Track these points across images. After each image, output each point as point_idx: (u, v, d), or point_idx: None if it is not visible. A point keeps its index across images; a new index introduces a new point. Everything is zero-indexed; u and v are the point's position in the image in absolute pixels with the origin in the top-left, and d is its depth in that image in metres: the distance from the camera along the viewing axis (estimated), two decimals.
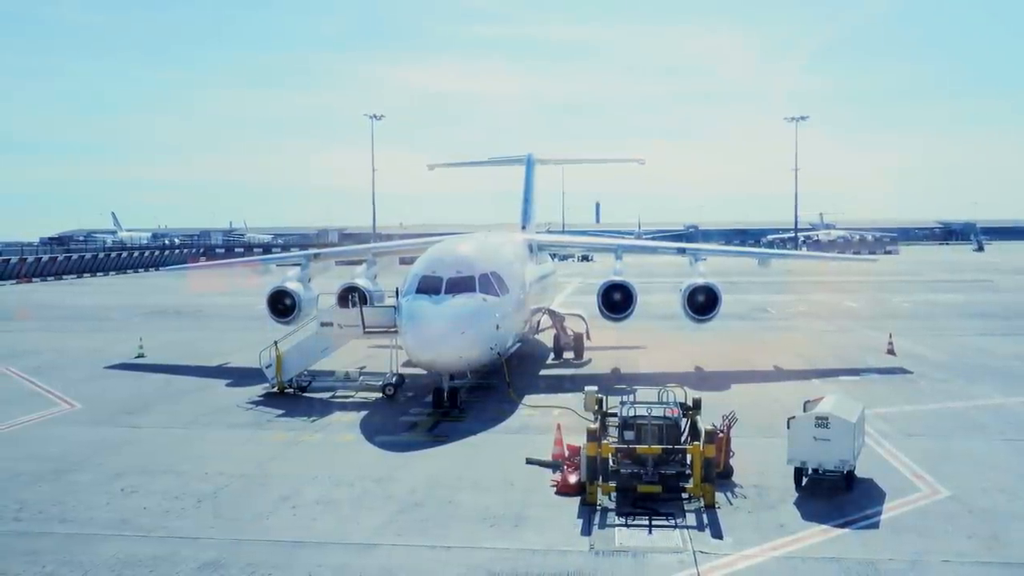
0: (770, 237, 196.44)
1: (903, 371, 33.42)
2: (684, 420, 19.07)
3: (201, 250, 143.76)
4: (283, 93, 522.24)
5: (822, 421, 17.52)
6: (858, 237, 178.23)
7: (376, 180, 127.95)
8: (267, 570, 14.20)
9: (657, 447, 17.71)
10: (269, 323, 36.57)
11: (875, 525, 15.97)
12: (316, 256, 40.47)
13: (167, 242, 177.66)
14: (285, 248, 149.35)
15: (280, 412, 26.95)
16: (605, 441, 18.02)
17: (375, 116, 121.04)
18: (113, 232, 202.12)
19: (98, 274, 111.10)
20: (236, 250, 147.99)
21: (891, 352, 37.55)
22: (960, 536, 15.35)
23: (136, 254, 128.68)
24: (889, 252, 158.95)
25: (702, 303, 34.81)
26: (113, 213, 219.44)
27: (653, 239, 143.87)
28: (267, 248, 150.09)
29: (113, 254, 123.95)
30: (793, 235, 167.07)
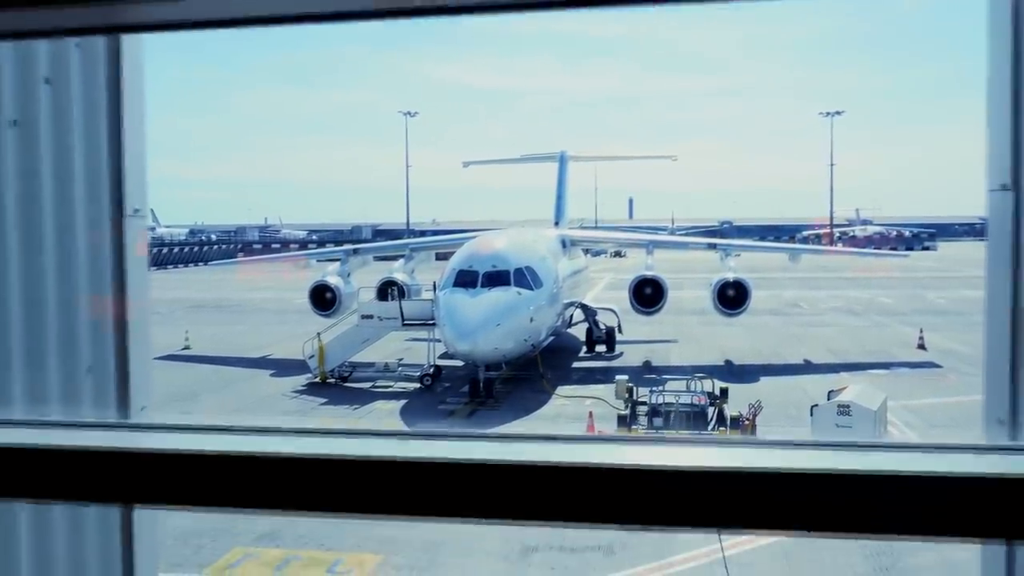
0: (805, 233, 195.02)
1: (933, 365, 33.78)
2: (711, 408, 19.90)
3: (239, 246, 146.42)
4: (317, 90, 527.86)
5: (844, 409, 18.24)
6: (895, 232, 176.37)
7: (409, 176, 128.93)
8: (319, 541, 15.30)
9: (684, 432, 18.56)
10: (307, 317, 37.85)
11: None
12: (355, 252, 41.72)
13: (204, 238, 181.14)
14: (320, 244, 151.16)
15: (323, 400, 28.15)
16: (634, 427, 18.91)
17: (409, 113, 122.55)
18: (152, 228, 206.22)
19: None
20: (273, 246, 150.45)
21: (922, 347, 37.85)
22: None
23: (176, 250, 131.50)
24: (927, 248, 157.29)
25: (732, 298, 35.44)
26: (152, 209, 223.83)
27: (687, 235, 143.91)
28: (303, 244, 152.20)
29: (153, 249, 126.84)
30: (829, 231, 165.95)
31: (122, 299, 3.08)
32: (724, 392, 20.48)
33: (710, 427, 19.21)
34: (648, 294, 35.84)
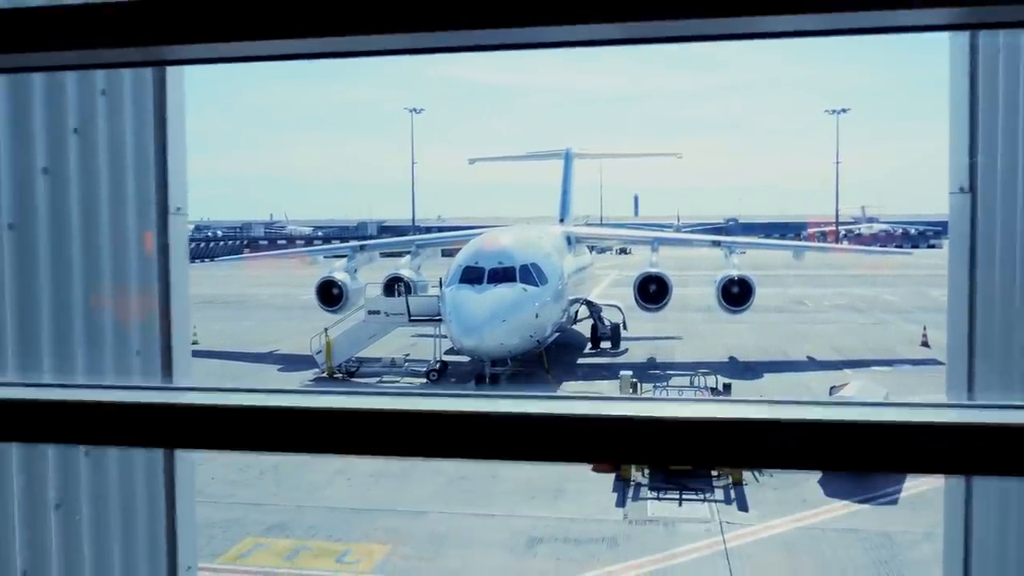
0: (810, 231, 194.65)
1: (936, 362, 33.88)
2: None
3: (244, 242, 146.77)
4: (321, 85, 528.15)
5: None
6: (900, 230, 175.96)
7: (415, 173, 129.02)
8: (327, 532, 15.61)
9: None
10: (314, 312, 38.16)
11: (894, 502, 16.92)
12: (362, 248, 42.03)
13: (211, 234, 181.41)
14: (326, 240, 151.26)
15: None
16: None
17: (415, 110, 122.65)
18: None
19: None
20: (279, 242, 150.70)
21: (925, 344, 38.00)
22: None
23: None
24: (932, 246, 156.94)
25: (736, 295, 35.62)
26: None
27: (692, 232, 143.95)
28: (309, 240, 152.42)
29: None
30: (834, 228, 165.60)
31: (166, 289, 3.39)
32: (727, 388, 20.76)
33: None
34: (653, 291, 36.05)
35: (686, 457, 1.62)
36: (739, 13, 1.25)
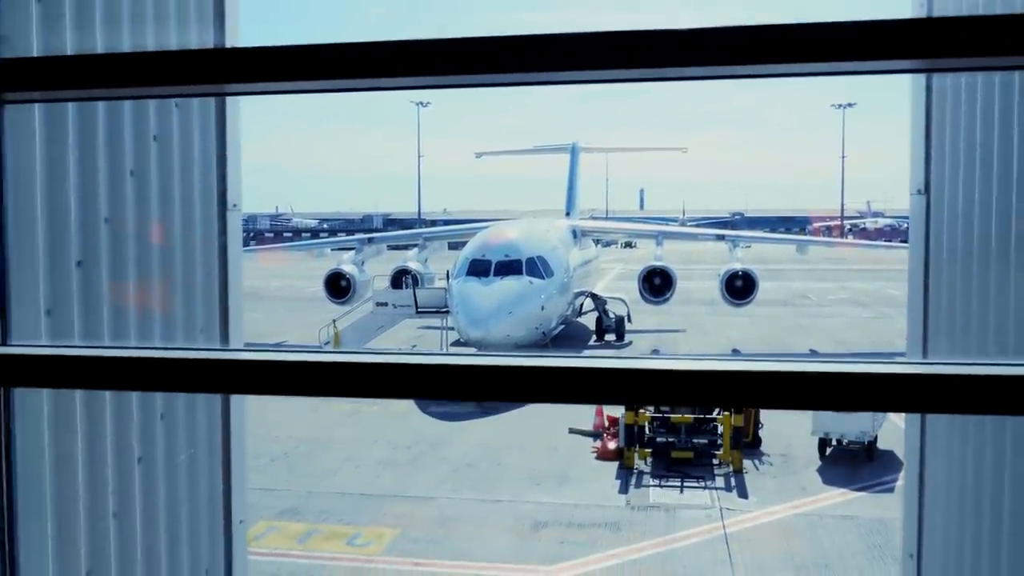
0: (815, 225, 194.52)
1: None
2: None
3: (251, 234, 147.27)
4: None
5: None
6: (906, 225, 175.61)
7: (421, 166, 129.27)
8: (338, 516, 16.04)
9: (689, 416, 19.22)
10: (321, 304, 38.58)
11: (891, 490, 17.30)
12: (370, 241, 42.47)
13: None
14: (332, 233, 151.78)
15: None
16: (642, 411, 19.55)
17: (421, 103, 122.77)
18: None
19: None
20: (284, 234, 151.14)
21: None
22: None
23: None
24: None
25: (740, 288, 35.99)
26: None
27: (697, 226, 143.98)
28: (315, 233, 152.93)
29: None
30: (840, 223, 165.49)
31: (224, 276, 3.85)
32: None
33: (715, 411, 19.84)
34: (657, 284, 36.44)
35: (691, 399, 2.01)
36: (738, 62, 1.63)
